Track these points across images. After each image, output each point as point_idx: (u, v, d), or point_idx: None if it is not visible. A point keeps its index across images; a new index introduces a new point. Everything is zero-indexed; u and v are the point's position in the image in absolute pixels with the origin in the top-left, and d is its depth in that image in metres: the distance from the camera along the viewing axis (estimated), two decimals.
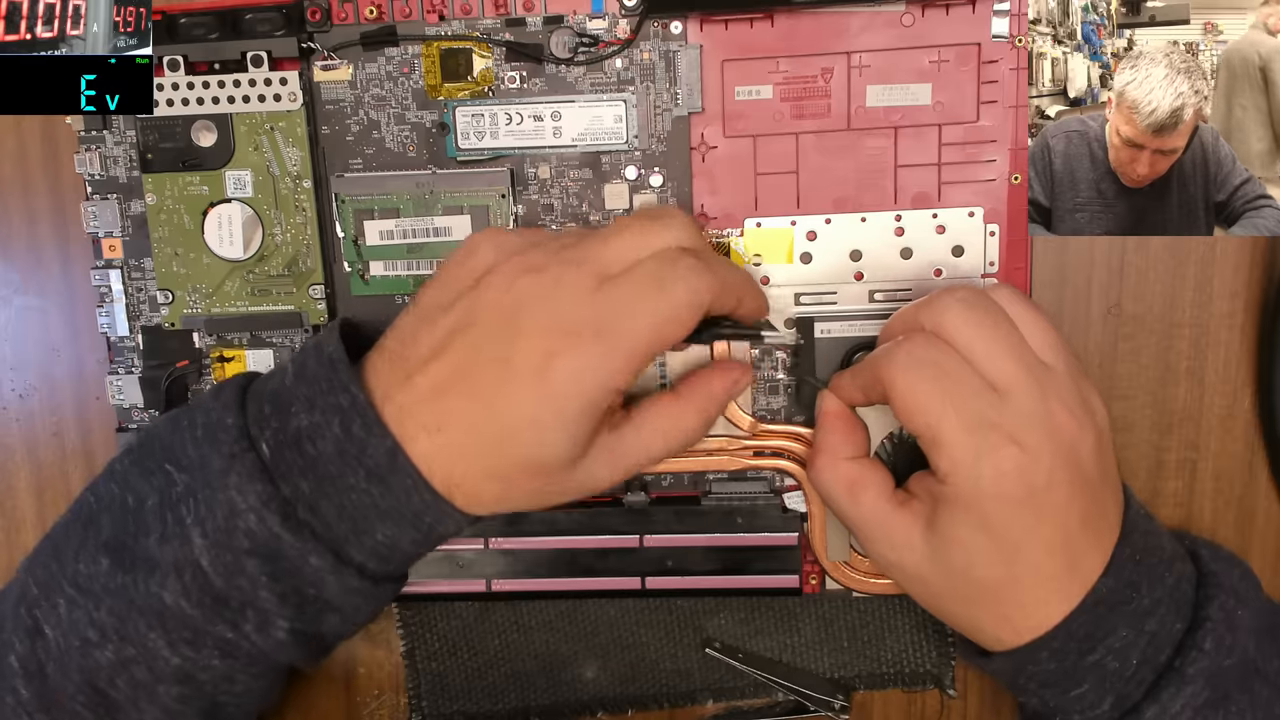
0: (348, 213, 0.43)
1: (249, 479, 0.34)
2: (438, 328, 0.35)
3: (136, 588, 0.34)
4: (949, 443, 0.34)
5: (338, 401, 0.34)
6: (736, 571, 0.43)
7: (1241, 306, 0.43)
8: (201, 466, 0.34)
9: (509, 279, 0.34)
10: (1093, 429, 0.35)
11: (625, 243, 0.34)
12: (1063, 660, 0.35)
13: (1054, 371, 0.35)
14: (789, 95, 0.41)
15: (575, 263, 0.34)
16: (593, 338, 0.33)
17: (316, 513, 0.34)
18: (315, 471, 0.34)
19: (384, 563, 0.35)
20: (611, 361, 0.33)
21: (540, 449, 0.33)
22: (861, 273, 0.42)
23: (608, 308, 0.33)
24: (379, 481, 0.34)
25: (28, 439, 0.47)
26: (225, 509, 0.34)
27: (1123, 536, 0.36)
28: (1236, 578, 0.37)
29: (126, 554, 0.35)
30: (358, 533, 0.34)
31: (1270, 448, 0.43)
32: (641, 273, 0.34)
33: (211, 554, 0.34)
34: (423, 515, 0.34)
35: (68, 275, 0.45)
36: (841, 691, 0.45)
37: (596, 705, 0.46)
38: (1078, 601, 0.35)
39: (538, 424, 0.33)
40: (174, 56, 0.41)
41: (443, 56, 0.42)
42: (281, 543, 0.34)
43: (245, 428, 0.35)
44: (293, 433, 0.34)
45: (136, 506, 0.35)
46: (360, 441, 0.33)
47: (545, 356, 0.33)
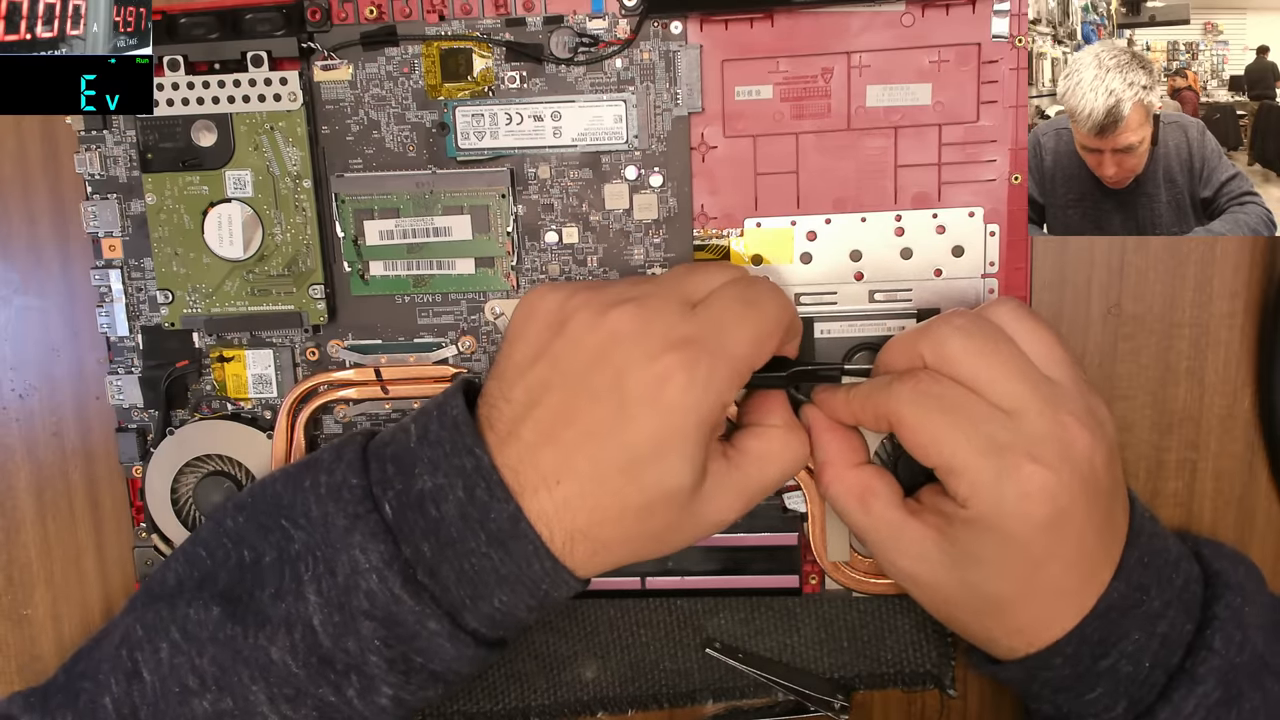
0: (348, 213, 0.43)
1: (372, 539, 0.33)
2: (531, 379, 0.34)
3: (245, 639, 0.34)
4: (966, 468, 0.34)
5: (462, 464, 0.34)
6: (736, 571, 0.43)
7: (1241, 306, 0.43)
8: (324, 525, 0.34)
9: (596, 315, 0.34)
10: (1104, 440, 0.35)
11: (699, 276, 0.36)
12: (1076, 666, 0.35)
13: (1061, 386, 0.35)
14: (789, 95, 0.41)
15: (659, 294, 0.35)
16: (699, 353, 0.33)
17: (436, 576, 0.34)
18: (437, 535, 0.33)
19: (496, 627, 0.35)
20: (720, 374, 0.33)
21: (667, 475, 0.33)
22: (861, 273, 0.42)
23: (706, 324, 0.34)
24: (500, 546, 0.33)
25: (28, 439, 0.47)
26: (347, 568, 0.33)
27: (1130, 541, 0.36)
28: (1241, 574, 0.37)
29: (240, 606, 0.34)
30: (475, 598, 0.34)
31: (1270, 448, 0.43)
32: (728, 293, 0.35)
33: (324, 613, 0.34)
34: (540, 582, 0.34)
35: (68, 275, 0.45)
36: (841, 691, 0.45)
37: (596, 705, 0.46)
38: (1089, 610, 0.35)
39: (662, 448, 0.33)
40: (174, 56, 0.41)
41: (443, 56, 0.42)
42: (401, 605, 0.33)
43: (369, 488, 0.34)
44: (416, 495, 0.34)
45: (254, 562, 0.35)
46: (484, 505, 0.33)
47: (658, 380, 0.33)
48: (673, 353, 0.33)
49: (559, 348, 0.34)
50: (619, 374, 0.33)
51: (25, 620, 0.48)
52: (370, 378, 0.44)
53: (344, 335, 0.44)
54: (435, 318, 0.44)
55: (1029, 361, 0.35)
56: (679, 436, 0.33)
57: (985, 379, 0.34)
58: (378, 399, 0.44)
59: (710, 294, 0.35)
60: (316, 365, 0.44)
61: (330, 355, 0.44)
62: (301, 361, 0.44)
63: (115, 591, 0.47)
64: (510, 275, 0.43)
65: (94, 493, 0.47)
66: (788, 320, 0.36)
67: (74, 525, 0.47)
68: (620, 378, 0.33)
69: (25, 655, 0.48)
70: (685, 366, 0.33)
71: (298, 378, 0.44)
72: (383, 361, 0.44)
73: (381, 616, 0.33)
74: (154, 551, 0.45)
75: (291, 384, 0.44)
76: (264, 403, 0.45)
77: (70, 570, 0.47)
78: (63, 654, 0.48)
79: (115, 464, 0.46)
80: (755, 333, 0.34)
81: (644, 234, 0.43)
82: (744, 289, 0.35)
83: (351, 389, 0.44)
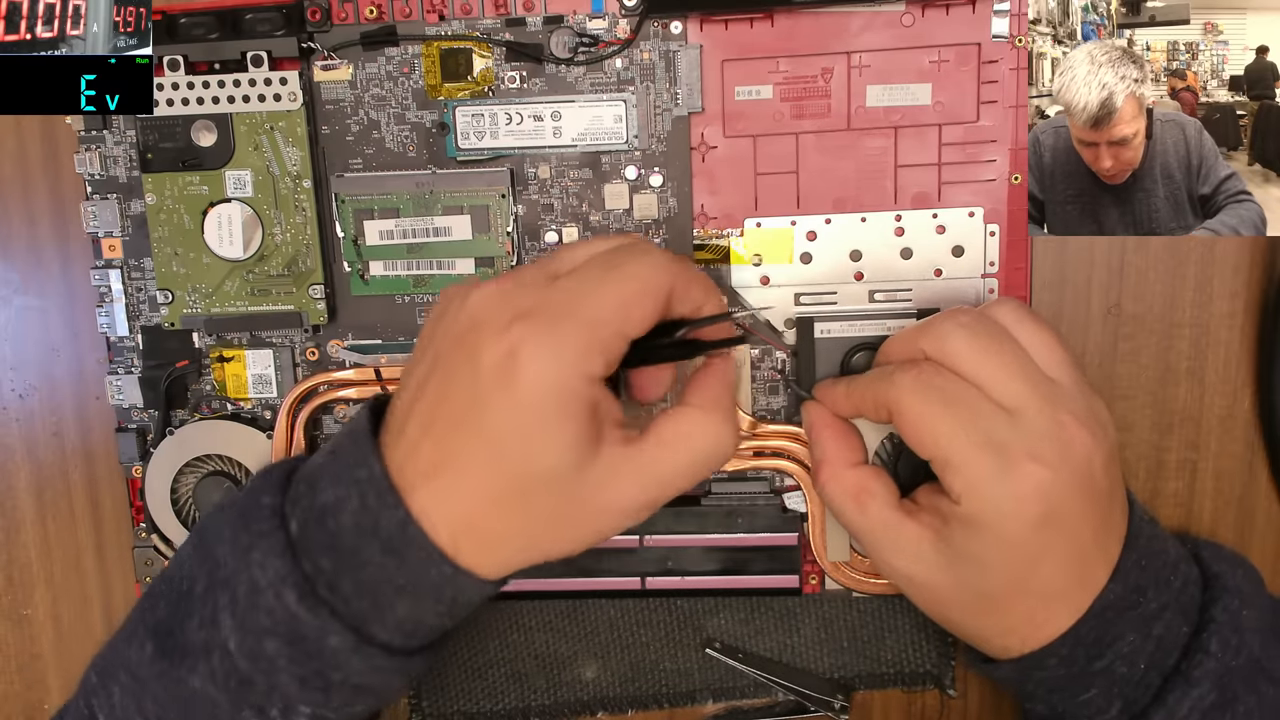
0: (348, 213, 0.43)
1: (270, 555, 0.33)
2: (418, 372, 0.34)
3: (172, 672, 0.33)
4: (963, 463, 0.34)
5: (357, 474, 0.33)
6: (736, 571, 0.43)
7: (1241, 306, 0.43)
8: (234, 547, 0.34)
9: (461, 302, 0.33)
10: (1105, 441, 0.35)
11: (575, 250, 0.34)
12: (1070, 666, 0.35)
13: (1062, 386, 0.35)
14: (789, 95, 0.41)
15: (526, 271, 0.33)
16: (549, 322, 0.31)
17: (336, 590, 0.33)
18: (336, 547, 0.33)
19: (409, 638, 0.34)
20: (575, 342, 0.31)
21: (533, 457, 0.31)
22: (861, 273, 0.42)
23: (561, 292, 0.32)
24: (393, 554, 0.32)
25: (28, 439, 0.47)
26: (247, 587, 0.33)
27: (1128, 543, 0.36)
28: (1240, 577, 0.37)
29: (170, 639, 0.34)
30: (378, 608, 0.33)
31: (1270, 448, 0.43)
32: (592, 261, 0.33)
33: (238, 636, 0.33)
34: (442, 588, 0.33)
35: (68, 275, 0.45)
36: (841, 691, 0.45)
37: (596, 705, 0.46)
38: (1085, 610, 0.35)
39: (521, 430, 0.31)
40: (174, 56, 0.41)
41: (443, 56, 0.42)
42: (299, 621, 0.32)
43: (280, 506, 0.34)
44: (319, 509, 0.33)
45: (188, 591, 0.34)
46: (374, 512, 0.32)
47: (507, 356, 0.31)
48: (519, 323, 0.31)
49: (436, 337, 0.33)
50: (473, 353, 0.31)
51: (25, 620, 0.48)
52: (370, 378, 0.44)
53: (344, 335, 0.44)
54: None
55: (1031, 361, 0.35)
56: (537, 412, 0.31)
57: (987, 376, 0.34)
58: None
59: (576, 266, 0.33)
60: (316, 365, 0.44)
61: (330, 355, 0.44)
62: (301, 361, 0.44)
63: (115, 591, 0.47)
64: None
65: (94, 493, 0.47)
66: (661, 280, 0.32)
67: (74, 525, 0.47)
68: (474, 357, 0.31)
69: (25, 655, 0.48)
70: (533, 336, 0.31)
71: (298, 378, 0.44)
72: (383, 361, 0.44)
73: (284, 634, 0.32)
74: (154, 551, 0.45)
75: (291, 384, 0.44)
76: (264, 403, 0.45)
77: (70, 570, 0.47)
78: (63, 654, 0.48)
79: (115, 464, 0.46)
80: (617, 296, 0.32)
81: (644, 234, 0.43)
82: (609, 255, 0.33)
83: (351, 389, 0.44)
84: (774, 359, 0.43)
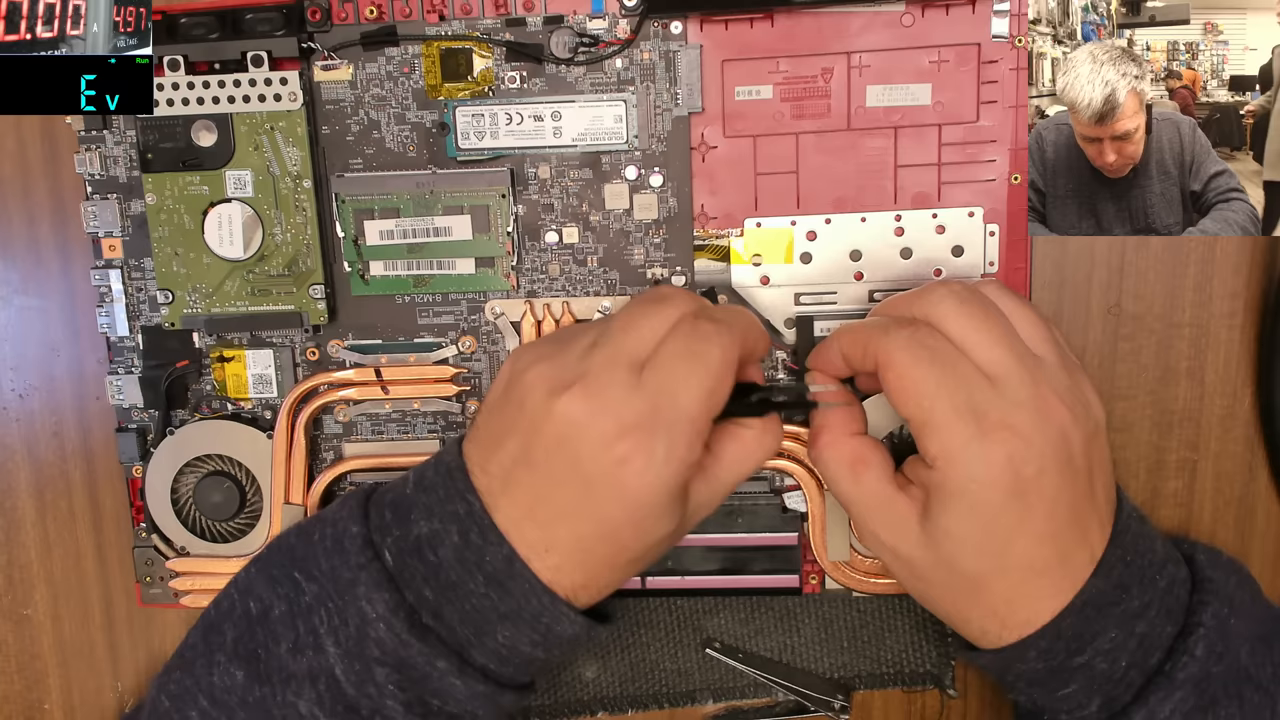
0: (348, 213, 0.43)
1: (376, 589, 0.34)
2: (503, 457, 0.35)
3: (274, 698, 0.35)
4: (940, 425, 0.34)
5: (455, 509, 0.35)
6: (736, 571, 0.44)
7: (1241, 306, 0.43)
8: (332, 577, 0.35)
9: (547, 398, 0.34)
10: (1087, 420, 0.35)
11: (643, 327, 0.35)
12: (1050, 660, 0.35)
13: (1046, 362, 0.35)
14: (789, 95, 0.41)
15: (604, 365, 0.34)
16: (652, 429, 0.33)
17: (440, 618, 0.35)
18: (437, 578, 0.35)
19: (504, 664, 0.36)
20: (678, 443, 0.33)
21: (647, 538, 0.34)
22: (861, 273, 0.42)
23: (655, 394, 0.33)
24: (497, 586, 0.34)
25: (28, 439, 0.47)
26: (356, 618, 0.34)
27: (1114, 537, 0.36)
28: (1233, 584, 0.37)
29: (260, 665, 0.35)
30: (479, 635, 0.35)
31: (1270, 448, 0.43)
32: (673, 349, 0.34)
33: (345, 663, 0.34)
34: (540, 616, 0.35)
35: (68, 275, 0.45)
36: (841, 691, 0.45)
37: (596, 705, 0.46)
38: (1067, 600, 0.35)
39: (635, 523, 0.34)
40: (174, 56, 0.41)
41: (443, 56, 0.42)
42: (410, 649, 0.34)
43: (369, 536, 0.35)
44: (414, 540, 0.35)
45: (261, 615, 0.36)
46: (478, 548, 0.34)
47: (616, 464, 0.33)
48: (625, 439, 0.33)
49: (522, 429, 0.34)
50: (576, 461, 0.33)
51: (25, 620, 0.48)
52: (370, 378, 0.44)
53: (344, 335, 0.44)
54: (435, 318, 0.44)
55: (1017, 334, 0.35)
56: (650, 510, 0.34)
57: (973, 342, 0.35)
58: (378, 399, 0.44)
59: (657, 350, 0.34)
60: (317, 365, 0.44)
61: (330, 355, 0.44)
62: (301, 361, 0.44)
63: (115, 591, 0.47)
64: (510, 275, 0.43)
65: (94, 493, 0.47)
66: (736, 356, 0.35)
67: (74, 525, 0.47)
68: (578, 464, 0.33)
69: (25, 655, 0.48)
70: (641, 450, 0.33)
71: (298, 378, 0.44)
72: (383, 361, 0.44)
73: (393, 661, 0.34)
74: (154, 551, 0.45)
75: (291, 384, 0.44)
76: (264, 403, 0.45)
77: (70, 570, 0.47)
78: (63, 654, 0.48)
79: (115, 464, 0.46)
80: (704, 389, 0.34)
81: (644, 234, 0.43)
82: (689, 339, 0.34)
83: (352, 389, 0.44)
84: (774, 358, 0.43)
